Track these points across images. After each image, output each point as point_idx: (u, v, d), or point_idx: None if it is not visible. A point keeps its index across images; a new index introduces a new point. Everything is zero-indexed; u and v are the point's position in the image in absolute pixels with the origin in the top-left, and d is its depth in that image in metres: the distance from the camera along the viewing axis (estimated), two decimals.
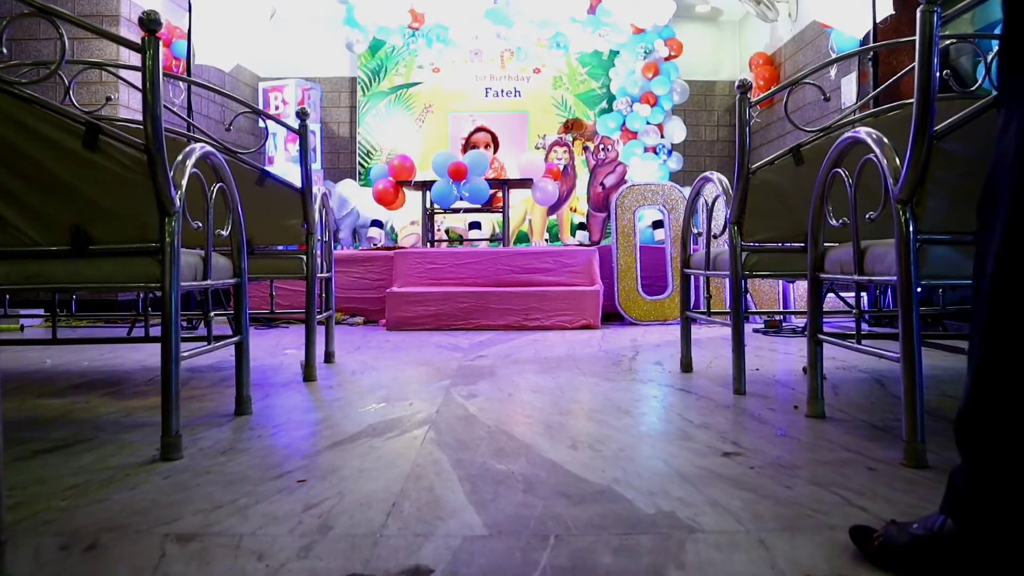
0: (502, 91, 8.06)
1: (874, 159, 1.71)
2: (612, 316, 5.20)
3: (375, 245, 7.24)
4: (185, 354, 1.80)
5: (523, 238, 7.43)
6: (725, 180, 2.82)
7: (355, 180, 7.96)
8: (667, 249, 5.26)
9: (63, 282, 1.78)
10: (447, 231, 7.42)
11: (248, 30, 5.29)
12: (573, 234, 7.55)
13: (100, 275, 1.77)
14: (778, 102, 7.21)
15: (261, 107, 5.94)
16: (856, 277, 1.83)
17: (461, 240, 7.54)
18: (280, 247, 2.98)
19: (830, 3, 4.97)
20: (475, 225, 6.97)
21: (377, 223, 7.06)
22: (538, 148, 7.98)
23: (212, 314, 2.00)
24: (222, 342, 2.08)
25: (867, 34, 4.91)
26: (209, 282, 1.99)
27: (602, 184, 7.11)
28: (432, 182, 5.58)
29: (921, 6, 1.55)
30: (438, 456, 1.68)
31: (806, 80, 2.57)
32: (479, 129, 7.19)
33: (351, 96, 8.31)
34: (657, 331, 4.74)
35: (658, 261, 5.39)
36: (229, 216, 2.15)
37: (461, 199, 5.45)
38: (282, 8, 7.79)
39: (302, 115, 2.86)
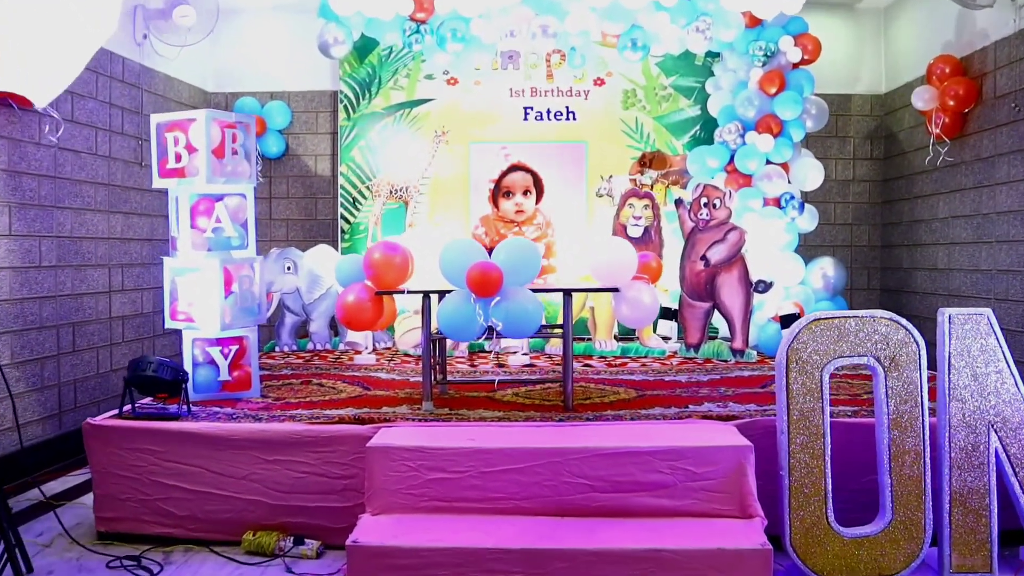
0: (548, 112, 5.58)
1: None
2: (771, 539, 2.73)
3: (358, 351, 4.82)
4: None
5: (581, 328, 4.96)
6: None
7: (336, 244, 5.55)
8: (882, 435, 2.77)
9: None
10: None
11: (84, 47, 2.84)
12: (655, 328, 5.08)
13: None
14: (974, 133, 4.68)
15: (154, 152, 3.54)
16: None
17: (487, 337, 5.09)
18: None
19: None
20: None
21: None
22: (600, 196, 5.51)
23: None
24: None
25: None
26: None
27: (704, 258, 4.64)
28: (440, 292, 3.15)
29: None
30: None
31: None
32: (515, 168, 4.80)
33: (332, 119, 5.88)
34: None
35: (861, 453, 2.90)
36: None
37: (489, 333, 3.01)
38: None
39: None
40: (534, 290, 3.12)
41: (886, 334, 2.78)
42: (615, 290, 3.21)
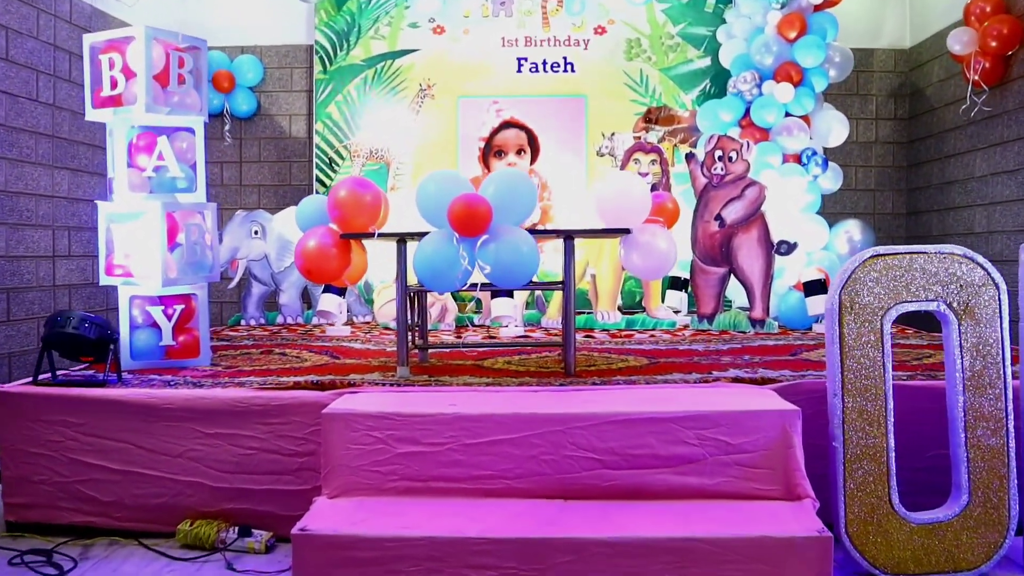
0: (544, 63, 5.09)
1: None
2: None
3: (331, 323, 4.31)
4: None
5: (582, 300, 4.47)
6: None
7: None
8: (955, 399, 2.27)
9: None
10: (455, 296, 4.49)
11: None
12: (664, 298, 4.58)
13: None
14: (1019, 78, 4.19)
15: (87, 79, 3.04)
16: None
17: (476, 308, 4.60)
18: None
19: None
20: (503, 292, 4.03)
21: (334, 289, 4.12)
22: (602, 155, 5.01)
23: None
24: None
25: None
26: None
27: (719, 217, 4.14)
28: (419, 235, 2.65)
29: None
30: None
31: None
32: (508, 124, 4.38)
33: (308, 75, 5.37)
34: None
35: (926, 423, 2.40)
36: None
37: (473, 287, 2.51)
38: None
39: None
40: (530, 231, 2.61)
41: (960, 275, 2.28)
42: (626, 231, 2.70)
